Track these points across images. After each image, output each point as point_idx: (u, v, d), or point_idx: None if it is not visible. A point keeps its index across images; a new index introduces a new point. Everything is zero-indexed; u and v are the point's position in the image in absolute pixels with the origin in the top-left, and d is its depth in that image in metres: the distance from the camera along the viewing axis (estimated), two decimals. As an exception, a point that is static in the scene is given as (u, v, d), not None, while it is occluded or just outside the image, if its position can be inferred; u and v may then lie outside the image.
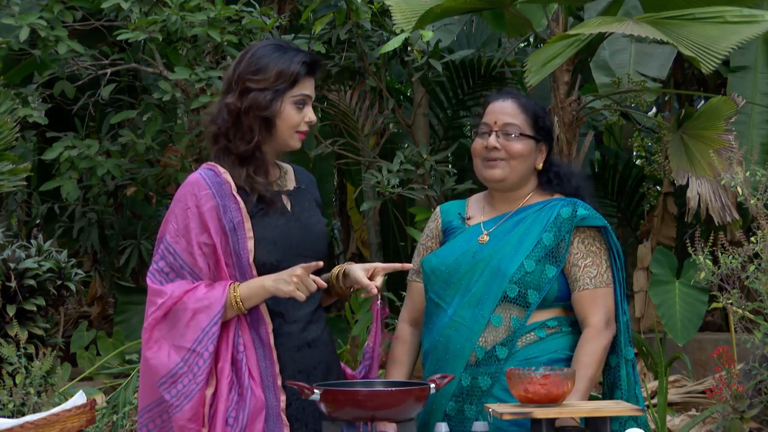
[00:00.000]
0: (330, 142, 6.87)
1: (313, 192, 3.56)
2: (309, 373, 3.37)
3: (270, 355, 3.32)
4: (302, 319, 3.39)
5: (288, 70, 3.35)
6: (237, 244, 3.32)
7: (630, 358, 3.55)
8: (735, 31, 5.68)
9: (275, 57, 3.37)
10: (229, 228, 3.32)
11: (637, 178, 8.84)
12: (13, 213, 9.02)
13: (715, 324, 8.33)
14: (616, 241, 3.56)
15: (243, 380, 3.29)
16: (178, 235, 3.33)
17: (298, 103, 3.39)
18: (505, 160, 3.55)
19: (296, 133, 3.40)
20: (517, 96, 3.63)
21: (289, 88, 3.37)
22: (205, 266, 3.32)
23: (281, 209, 3.41)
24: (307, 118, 3.40)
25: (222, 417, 3.25)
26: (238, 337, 3.32)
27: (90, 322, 8.58)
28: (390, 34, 6.59)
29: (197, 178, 3.37)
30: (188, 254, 3.32)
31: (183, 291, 3.29)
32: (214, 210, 3.33)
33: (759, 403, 4.77)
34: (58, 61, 6.58)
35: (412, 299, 3.71)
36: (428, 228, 3.73)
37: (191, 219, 3.33)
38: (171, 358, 3.26)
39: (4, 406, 4.87)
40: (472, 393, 3.46)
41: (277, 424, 3.29)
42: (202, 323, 3.26)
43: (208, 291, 3.28)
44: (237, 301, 3.28)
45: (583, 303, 3.49)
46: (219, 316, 3.26)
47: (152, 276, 3.34)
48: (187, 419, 3.23)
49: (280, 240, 3.35)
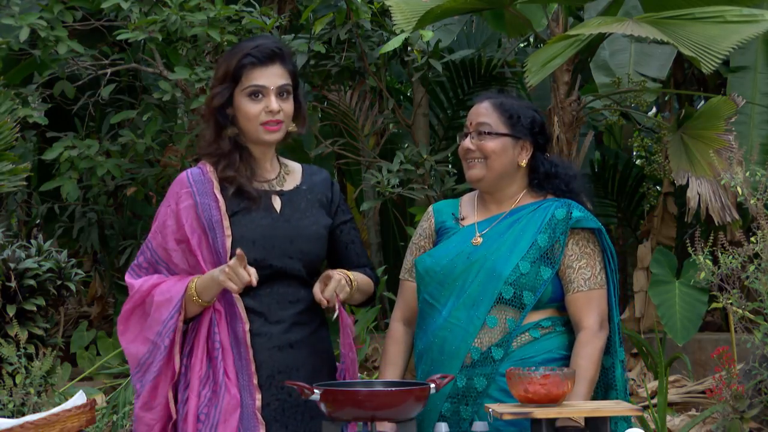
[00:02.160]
0: (330, 142, 6.87)
1: (321, 192, 3.53)
2: (289, 374, 3.37)
3: (246, 354, 3.33)
4: (286, 320, 3.39)
5: (231, 65, 3.38)
6: (216, 242, 3.35)
7: (622, 359, 3.54)
8: (735, 30, 5.68)
9: (227, 55, 3.43)
10: (208, 226, 3.35)
11: (637, 178, 8.84)
12: (13, 213, 9.01)
13: (715, 324, 8.33)
14: (610, 243, 3.56)
15: (218, 377, 3.31)
16: (157, 231, 3.41)
17: (252, 94, 3.38)
18: (481, 160, 3.56)
19: (261, 125, 3.39)
20: (494, 96, 3.63)
21: (236, 83, 3.38)
22: (181, 262, 3.37)
23: (267, 208, 3.41)
24: (269, 108, 3.37)
25: (193, 413, 3.29)
26: (214, 334, 3.34)
27: (90, 322, 8.57)
28: (390, 34, 6.59)
29: (182, 176, 3.43)
30: (163, 250, 3.39)
31: (151, 285, 3.36)
32: (191, 208, 3.37)
33: (759, 403, 4.77)
34: (58, 61, 6.58)
35: (405, 298, 3.70)
36: (421, 227, 3.72)
37: (169, 216, 3.39)
38: (139, 349, 3.36)
39: (4, 406, 4.86)
40: (468, 394, 3.46)
41: (252, 423, 3.30)
42: (163, 316, 3.32)
43: (173, 285, 3.34)
44: (194, 293, 3.31)
45: (577, 305, 3.49)
46: (176, 308, 3.31)
47: (131, 270, 3.44)
48: (139, 407, 3.33)
49: (261, 239, 3.35)
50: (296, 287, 3.42)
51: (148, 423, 3.33)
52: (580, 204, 3.56)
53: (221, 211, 3.36)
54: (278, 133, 3.41)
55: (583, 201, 3.59)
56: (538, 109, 3.69)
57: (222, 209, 3.36)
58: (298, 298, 3.41)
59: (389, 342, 3.68)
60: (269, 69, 3.39)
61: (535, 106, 3.73)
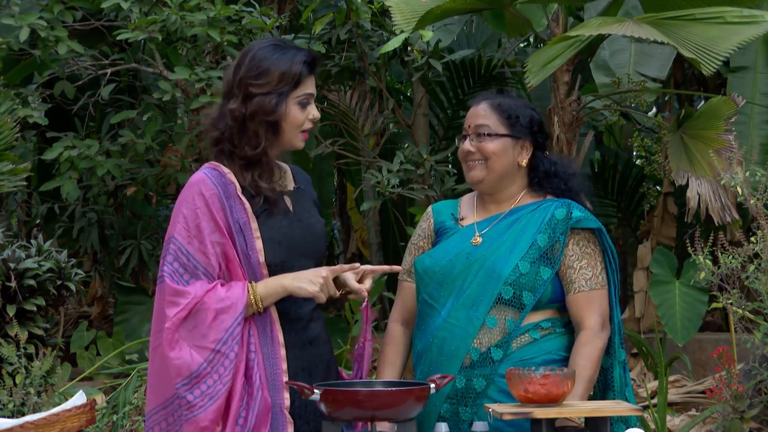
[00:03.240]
0: (330, 142, 6.87)
1: (311, 192, 3.56)
2: (311, 371, 3.37)
3: (277, 353, 3.32)
4: (304, 317, 3.40)
5: (290, 71, 3.34)
6: (245, 245, 3.31)
7: (622, 360, 3.54)
8: (735, 31, 5.68)
9: (276, 58, 3.35)
10: (236, 228, 3.31)
11: (637, 178, 8.84)
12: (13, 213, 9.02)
13: (715, 324, 8.33)
14: (610, 243, 3.56)
15: (253, 380, 3.28)
16: (191, 235, 3.30)
17: (302, 103, 3.38)
18: (482, 162, 3.56)
19: (300, 132, 3.40)
20: (491, 97, 3.62)
21: (293, 90, 3.35)
22: (217, 266, 3.31)
23: (284, 210, 3.40)
24: (311, 115, 3.40)
25: (233, 417, 3.24)
26: (250, 336, 3.31)
27: (90, 322, 8.57)
28: (390, 34, 6.59)
29: (203, 177, 3.34)
30: (202, 254, 3.29)
31: (204, 291, 3.26)
32: (221, 210, 3.31)
33: (759, 403, 4.77)
34: (58, 61, 6.58)
35: (403, 299, 3.70)
36: (420, 228, 3.72)
37: (202, 218, 3.30)
38: (194, 359, 3.23)
39: (4, 406, 4.87)
40: (467, 395, 3.46)
41: (281, 422, 3.29)
42: (226, 323, 3.24)
43: (228, 291, 3.27)
44: (256, 299, 3.27)
45: (578, 305, 3.49)
46: (242, 315, 3.25)
47: (170, 277, 3.29)
48: (210, 420, 3.21)
49: (284, 240, 3.34)
50: None
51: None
52: (579, 203, 3.56)
53: (248, 214, 3.33)
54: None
55: (582, 200, 3.59)
56: (536, 108, 3.70)
57: (249, 211, 3.33)
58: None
59: (387, 342, 3.67)
60: (313, 77, 3.42)
61: (533, 105, 3.73)
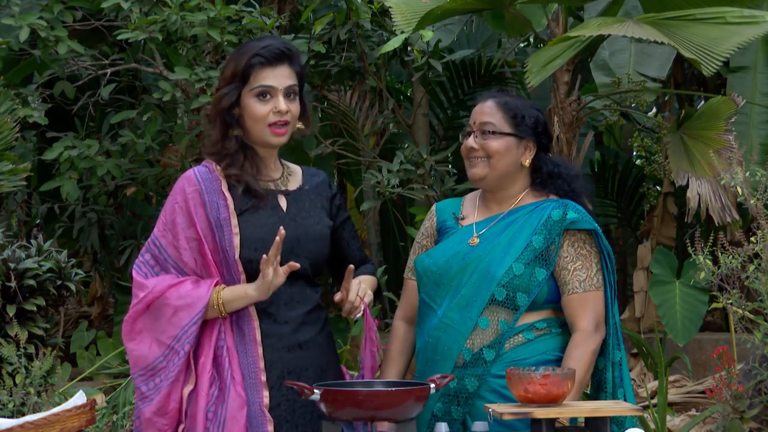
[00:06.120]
0: (330, 142, 6.87)
1: (322, 194, 3.53)
2: (299, 374, 3.37)
3: (254, 353, 3.33)
4: (294, 320, 3.39)
5: (239, 65, 3.37)
6: (223, 241, 3.33)
7: (617, 361, 3.53)
8: (736, 32, 5.68)
9: (235, 55, 3.41)
10: (216, 224, 3.34)
11: (637, 178, 8.84)
12: (13, 213, 9.01)
13: (715, 324, 8.33)
14: (607, 244, 3.55)
15: (224, 377, 3.32)
16: (166, 229, 3.38)
17: (260, 95, 3.37)
18: (485, 159, 3.55)
19: (268, 126, 3.38)
20: (498, 95, 3.62)
21: (244, 83, 3.37)
22: (191, 261, 3.35)
23: (273, 208, 3.40)
24: (277, 108, 3.37)
25: (203, 412, 3.29)
26: (221, 334, 3.34)
27: (90, 322, 8.58)
28: (390, 34, 6.59)
29: (190, 173, 3.41)
30: (173, 248, 3.36)
31: (166, 286, 3.32)
32: (201, 206, 3.35)
33: (759, 403, 4.77)
34: (58, 61, 6.58)
35: (408, 297, 3.71)
36: (424, 226, 3.73)
37: (178, 213, 3.37)
38: (152, 351, 3.32)
39: (4, 406, 4.86)
40: (459, 394, 3.46)
41: (260, 421, 3.30)
42: (183, 321, 3.30)
43: (193, 289, 3.31)
44: (219, 303, 3.31)
45: (572, 307, 3.48)
46: (200, 315, 3.30)
47: (137, 268, 3.39)
48: (153, 412, 3.30)
49: (269, 238, 3.32)
50: (303, 287, 3.42)
51: (161, 428, 3.31)
52: (580, 205, 3.56)
53: (229, 210, 3.35)
54: (285, 136, 3.41)
55: (583, 202, 3.59)
56: (541, 109, 3.69)
57: (230, 207, 3.35)
58: (305, 298, 3.41)
59: (391, 340, 3.69)
60: (277, 69, 3.38)
61: (538, 105, 3.73)
